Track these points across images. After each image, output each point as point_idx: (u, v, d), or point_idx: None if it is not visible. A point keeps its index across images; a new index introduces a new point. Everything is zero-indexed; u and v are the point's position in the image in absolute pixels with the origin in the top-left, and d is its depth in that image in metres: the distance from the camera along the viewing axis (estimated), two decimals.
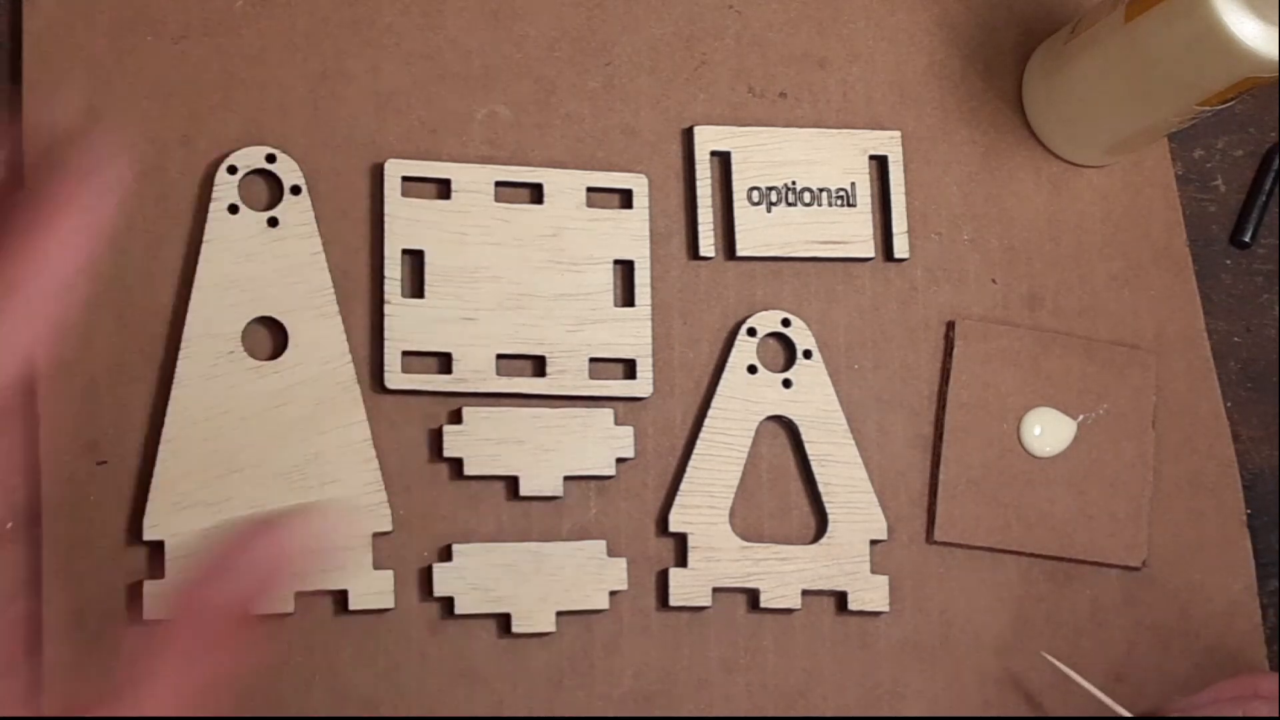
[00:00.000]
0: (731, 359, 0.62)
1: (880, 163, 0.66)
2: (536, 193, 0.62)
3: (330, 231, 0.60)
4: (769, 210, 0.64)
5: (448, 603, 0.58)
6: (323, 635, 0.58)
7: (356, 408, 0.59)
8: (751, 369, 0.62)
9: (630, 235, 0.62)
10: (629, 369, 0.62)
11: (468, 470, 0.59)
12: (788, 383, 0.62)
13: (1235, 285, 0.70)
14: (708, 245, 0.63)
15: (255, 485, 0.57)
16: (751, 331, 0.63)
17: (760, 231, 0.64)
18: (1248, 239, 0.70)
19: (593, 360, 0.61)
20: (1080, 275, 0.67)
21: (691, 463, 0.61)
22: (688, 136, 0.64)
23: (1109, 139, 0.66)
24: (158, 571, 0.56)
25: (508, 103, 0.64)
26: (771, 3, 0.67)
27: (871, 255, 0.65)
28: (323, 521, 0.39)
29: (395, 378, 0.59)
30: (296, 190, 0.60)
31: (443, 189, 0.61)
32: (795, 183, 0.64)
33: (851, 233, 0.65)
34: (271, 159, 0.60)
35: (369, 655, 0.58)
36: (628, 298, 0.62)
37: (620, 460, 0.60)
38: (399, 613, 0.58)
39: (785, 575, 0.61)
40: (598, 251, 0.62)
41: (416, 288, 0.60)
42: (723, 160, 0.65)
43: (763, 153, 0.64)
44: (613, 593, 0.59)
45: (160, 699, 0.29)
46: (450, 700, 0.58)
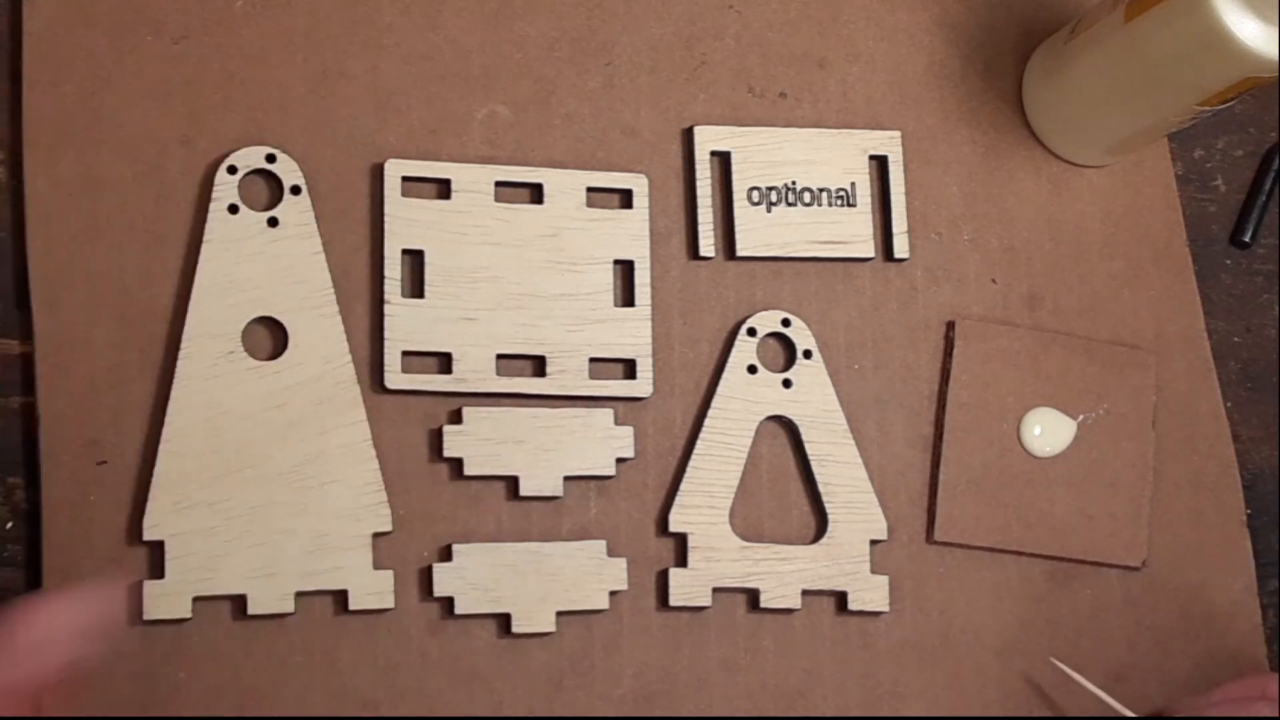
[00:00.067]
0: (731, 359, 0.62)
1: (880, 163, 0.66)
2: (536, 193, 0.62)
3: (330, 231, 0.60)
4: (769, 210, 0.64)
5: (448, 603, 0.58)
6: (323, 635, 0.58)
7: (356, 408, 0.59)
8: (751, 369, 0.62)
9: (630, 235, 0.62)
10: (629, 369, 0.62)
11: (468, 470, 0.59)
12: (788, 383, 0.62)
13: (1235, 285, 0.70)
14: (708, 245, 0.63)
15: (255, 485, 0.57)
16: (751, 331, 0.63)
17: (760, 231, 0.64)
18: (1248, 239, 0.70)
19: (593, 360, 0.61)
20: (1080, 275, 0.67)
21: (691, 463, 0.61)
22: (688, 136, 0.64)
23: (1109, 139, 0.66)
24: (158, 571, 0.56)
25: (508, 103, 0.64)
26: (771, 3, 0.67)
27: (871, 255, 0.65)
28: (91, 599, 0.41)
29: (395, 378, 0.59)
30: (296, 190, 0.60)
31: (443, 189, 0.61)
32: (795, 183, 0.64)
33: (851, 233, 0.65)
34: (271, 159, 0.60)
35: (369, 655, 0.58)
36: (628, 298, 0.62)
37: (620, 460, 0.60)
38: (399, 613, 0.58)
39: (785, 575, 0.61)
40: (598, 251, 0.62)
41: (416, 288, 0.60)
42: (723, 160, 0.65)
43: (763, 153, 0.64)
44: (613, 593, 0.59)
45: None
46: (450, 700, 0.58)
